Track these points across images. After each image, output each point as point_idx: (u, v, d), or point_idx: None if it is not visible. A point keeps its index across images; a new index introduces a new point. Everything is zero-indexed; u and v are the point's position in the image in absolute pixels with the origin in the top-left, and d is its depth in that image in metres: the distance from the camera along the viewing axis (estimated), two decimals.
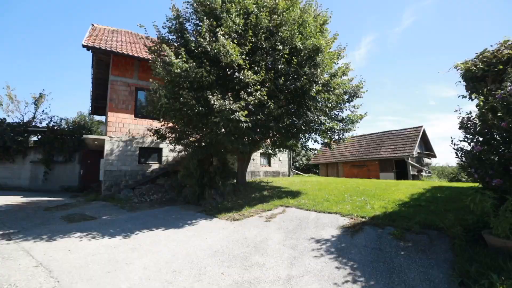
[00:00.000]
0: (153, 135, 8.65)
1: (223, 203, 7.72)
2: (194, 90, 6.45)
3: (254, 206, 7.34)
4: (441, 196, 6.93)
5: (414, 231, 4.52)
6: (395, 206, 6.08)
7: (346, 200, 7.11)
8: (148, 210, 8.33)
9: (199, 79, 6.29)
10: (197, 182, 8.57)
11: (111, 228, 6.16)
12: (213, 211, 7.42)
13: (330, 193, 8.24)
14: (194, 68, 6.12)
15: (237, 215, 6.71)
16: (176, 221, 6.73)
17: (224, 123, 6.18)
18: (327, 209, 6.26)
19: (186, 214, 7.54)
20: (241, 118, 6.02)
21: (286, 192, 8.66)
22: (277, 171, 17.81)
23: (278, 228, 5.55)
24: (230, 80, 6.52)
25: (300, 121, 7.56)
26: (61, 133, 15.61)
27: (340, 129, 8.62)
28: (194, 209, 8.20)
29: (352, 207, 6.28)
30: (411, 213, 5.41)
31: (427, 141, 21.30)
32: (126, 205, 9.50)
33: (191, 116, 6.58)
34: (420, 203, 6.25)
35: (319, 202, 7.03)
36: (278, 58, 6.84)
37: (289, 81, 7.00)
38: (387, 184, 10.26)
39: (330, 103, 8.00)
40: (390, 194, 7.58)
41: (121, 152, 12.57)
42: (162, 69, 6.44)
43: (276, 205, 7.17)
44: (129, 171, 12.63)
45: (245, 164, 9.25)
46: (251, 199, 7.97)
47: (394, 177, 18.86)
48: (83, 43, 11.44)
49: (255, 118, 6.52)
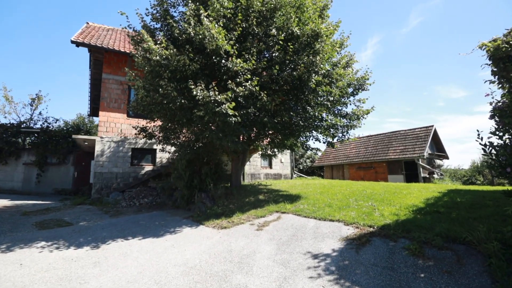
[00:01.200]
0: (140, 133, 7.97)
1: (212, 208, 6.95)
2: (176, 81, 5.74)
3: (247, 211, 6.54)
4: (462, 201, 5.97)
5: (436, 246, 3.64)
6: (408, 213, 5.18)
7: (351, 205, 6.24)
8: (133, 215, 7.62)
9: (181, 68, 5.58)
10: (186, 185, 7.83)
11: (83, 237, 5.45)
12: (201, 217, 6.66)
13: (333, 197, 7.36)
14: (175, 56, 5.42)
15: (226, 222, 5.91)
16: (158, 229, 5.99)
17: (210, 117, 5.44)
18: (328, 216, 5.41)
19: (171, 220, 6.79)
20: (228, 112, 5.27)
21: (284, 196, 7.82)
22: (278, 173, 16.96)
23: (270, 238, 4.73)
24: (217, 69, 5.79)
25: (298, 117, 6.75)
26: (55, 134, 15.19)
27: (344, 125, 7.76)
28: (182, 214, 7.45)
29: (357, 213, 5.41)
30: (428, 221, 4.51)
31: (439, 141, 20.12)
32: (111, 209, 8.83)
33: (174, 110, 5.86)
34: (438, 209, 5.33)
35: (319, 208, 6.18)
36: (272, 44, 6.09)
37: (285, 71, 6.22)
38: (396, 187, 9.29)
39: (333, 97, 7.18)
40: (401, 199, 6.66)
41: (112, 153, 11.98)
42: (141, 58, 5.77)
43: (271, 211, 6.35)
44: (120, 173, 12.01)
45: (239, 165, 8.47)
46: (244, 203, 7.17)
47: (403, 179, 17.75)
48: (72, 39, 10.97)
49: (246, 112, 5.75)
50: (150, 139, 8.01)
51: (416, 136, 18.72)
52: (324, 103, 6.99)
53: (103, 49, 11.38)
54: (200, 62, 5.68)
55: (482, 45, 4.57)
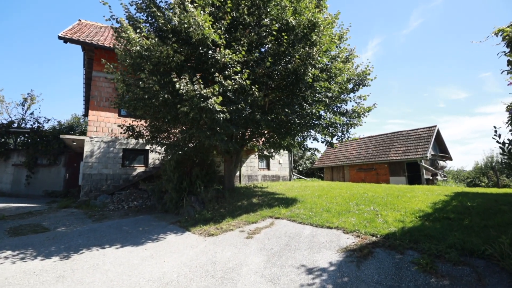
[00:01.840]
0: (125, 132, 7.48)
1: (202, 212, 6.43)
2: (160, 74, 5.26)
3: (238, 217, 6.02)
4: (473, 206, 5.45)
5: (450, 260, 3.11)
6: (415, 220, 4.66)
7: (351, 210, 5.71)
8: (117, 220, 7.12)
9: (165, 60, 5.10)
10: (174, 187, 7.33)
11: (55, 245, 4.95)
12: (189, 222, 6.14)
13: (332, 201, 6.84)
14: (157, 46, 4.94)
15: (214, 229, 5.40)
16: (140, 236, 5.48)
17: (196, 113, 4.94)
18: (326, 223, 4.89)
19: (156, 226, 6.28)
20: (215, 107, 4.78)
21: (280, 199, 7.30)
22: (276, 175, 16.43)
23: (260, 248, 4.21)
24: (205, 61, 5.31)
25: (294, 115, 6.25)
26: (46, 134, 14.73)
27: (344, 124, 7.25)
28: (170, 219, 6.94)
29: (358, 220, 4.88)
30: (439, 230, 3.99)
31: (442, 142, 19.57)
32: (97, 213, 8.33)
33: (158, 106, 5.37)
34: (447, 215, 4.80)
35: (317, 213, 5.66)
36: (265, 35, 5.60)
37: (279, 64, 5.73)
38: (399, 189, 8.76)
39: (331, 93, 6.68)
40: (406, 203, 6.14)
41: (102, 154, 11.49)
42: (121, 50, 5.29)
43: (264, 216, 5.83)
44: (111, 175, 11.52)
45: (232, 166, 7.96)
46: (236, 208, 6.65)
47: (405, 181, 17.19)
48: (60, 34, 10.53)
49: (235, 108, 5.26)
50: (137, 138, 7.52)
51: (419, 137, 18.18)
52: (322, 100, 6.48)
53: (92, 45, 10.94)
54: (186, 53, 5.20)
55: (498, 31, 4.05)
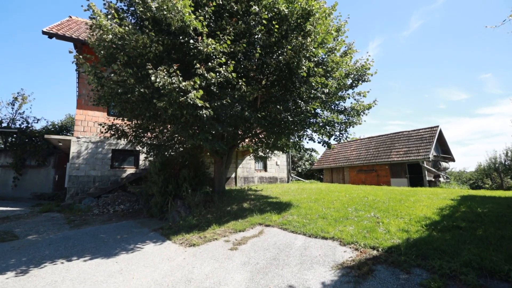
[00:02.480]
0: (107, 132, 6.97)
1: (187, 218, 5.90)
2: (136, 66, 4.75)
3: (225, 223, 5.49)
4: (485, 212, 4.91)
5: (467, 283, 2.57)
6: (421, 229, 4.12)
7: (350, 216, 5.18)
8: (97, 226, 6.59)
9: (141, 50, 4.59)
10: (159, 191, 6.80)
11: (17, 256, 4.42)
12: (172, 229, 5.62)
13: (329, 205, 6.30)
14: (132, 34, 4.43)
15: (197, 238, 4.87)
16: (115, 245, 4.95)
17: (175, 109, 4.43)
18: (320, 232, 4.35)
19: (137, 234, 5.75)
20: (196, 102, 4.26)
21: (273, 204, 6.77)
22: (274, 177, 15.90)
23: (243, 262, 3.68)
24: (186, 52, 4.80)
25: (287, 112, 5.73)
26: (35, 135, 14.24)
27: (342, 122, 6.72)
28: (153, 225, 6.41)
29: (357, 229, 4.35)
30: (449, 242, 3.46)
31: (444, 142, 19.02)
32: (78, 218, 7.81)
33: (135, 102, 4.86)
34: (457, 223, 4.27)
35: (311, 220, 5.12)
36: (254, 24, 5.09)
37: (270, 56, 5.22)
38: (402, 192, 8.23)
39: (328, 89, 6.16)
40: (409, 208, 5.60)
41: (90, 154, 10.98)
42: (94, 40, 4.79)
43: (253, 224, 5.29)
44: (99, 177, 11.00)
45: (223, 168, 7.44)
46: (225, 213, 6.12)
47: (407, 183, 16.64)
48: (44, 29, 10.08)
49: (221, 104, 4.74)
50: (120, 138, 7.01)
51: (421, 137, 17.64)
52: (319, 96, 5.96)
53: (78, 40, 10.45)
54: (165, 43, 4.69)
55: None
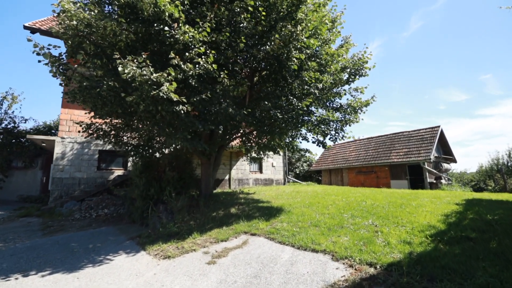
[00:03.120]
0: (85, 131, 6.47)
1: (167, 225, 5.39)
2: (107, 57, 4.25)
3: (208, 231, 4.98)
4: (496, 220, 4.40)
5: None
6: (425, 240, 3.61)
7: (345, 224, 4.67)
8: (72, 233, 6.07)
9: (111, 39, 4.10)
10: (141, 194, 6.30)
11: None
12: (150, 237, 5.10)
13: (323, 211, 5.79)
14: (99, 20, 3.94)
15: (173, 249, 4.36)
16: (84, 256, 4.43)
17: (148, 105, 3.93)
18: (311, 243, 3.84)
19: (112, 242, 5.24)
20: (171, 97, 3.77)
21: (263, 209, 6.26)
22: (269, 179, 15.38)
23: (220, 281, 3.16)
24: (162, 41, 4.30)
25: (278, 109, 5.23)
26: (22, 135, 13.73)
27: (337, 120, 6.22)
28: (132, 232, 5.90)
29: (352, 239, 3.84)
30: (459, 258, 2.95)
31: (446, 143, 18.54)
32: (56, 223, 7.29)
33: (106, 97, 4.36)
34: (466, 233, 3.76)
35: (303, 228, 4.61)
36: (238, 11, 4.60)
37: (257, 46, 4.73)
38: (402, 196, 7.71)
39: (323, 84, 5.67)
40: (411, 215, 5.09)
41: (75, 156, 10.48)
42: (58, 28, 4.30)
43: (238, 232, 4.78)
44: (84, 179, 10.48)
45: (211, 170, 6.93)
46: (209, 219, 5.60)
47: (407, 185, 16.13)
48: (26, 24, 9.61)
49: (200, 99, 4.24)
50: (98, 138, 6.52)
51: (421, 138, 17.14)
52: (312, 92, 5.47)
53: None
54: (138, 31, 4.20)
55: None
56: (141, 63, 3.67)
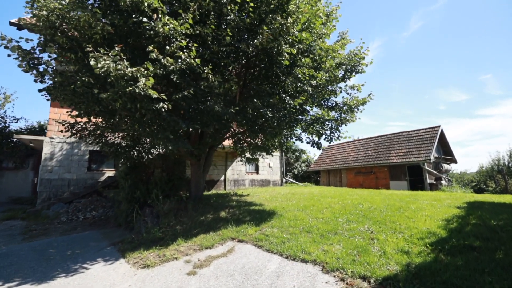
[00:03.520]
0: (67, 131, 6.17)
1: (152, 230, 5.09)
2: (83, 52, 3.95)
3: (193, 237, 4.68)
4: (500, 226, 4.10)
5: None
6: (425, 249, 3.31)
7: (339, 230, 4.37)
8: (53, 238, 5.78)
9: (86, 31, 3.80)
10: (126, 197, 6.00)
11: None
12: (133, 243, 4.81)
13: (317, 215, 5.50)
14: (72, 10, 3.64)
15: (154, 257, 4.06)
16: (59, 264, 4.14)
17: (124, 101, 3.63)
18: (301, 252, 3.54)
19: (93, 248, 4.94)
20: (149, 93, 3.47)
21: (255, 212, 5.96)
22: (266, 180, 15.09)
23: None
24: (141, 34, 4.00)
25: (268, 108, 4.94)
26: (13, 135, 13.43)
27: (333, 119, 5.92)
28: (116, 237, 5.60)
29: (346, 248, 3.54)
30: (462, 271, 2.65)
31: (446, 143, 18.24)
32: (40, 227, 7.00)
33: (82, 94, 4.06)
34: (469, 241, 3.46)
35: (293, 235, 4.31)
36: (224, 2, 4.30)
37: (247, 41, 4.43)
38: (401, 198, 7.42)
39: (317, 81, 5.38)
40: (410, 219, 4.79)
41: (65, 156, 10.18)
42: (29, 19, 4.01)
43: (225, 238, 4.48)
44: (74, 180, 10.19)
45: (201, 171, 6.63)
46: (197, 224, 5.31)
47: (407, 186, 15.83)
48: (11, 20, 9.32)
49: (183, 96, 3.95)
50: (82, 139, 6.22)
51: (421, 138, 16.84)
52: (305, 89, 5.17)
53: None
54: (116, 23, 3.90)
55: None
56: (115, 56, 3.37)
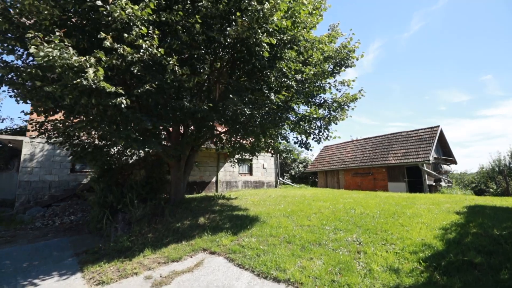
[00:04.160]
0: (34, 130, 5.73)
1: (120, 238, 4.64)
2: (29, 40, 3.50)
3: (163, 247, 4.22)
4: (504, 236, 3.63)
5: None
6: (417, 267, 2.85)
7: (324, 240, 3.91)
8: (17, 247, 5.33)
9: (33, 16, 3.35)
10: (98, 201, 5.55)
11: None
12: (96, 254, 4.36)
13: (303, 221, 5.03)
14: None
15: (114, 270, 3.60)
16: (6, 280, 3.68)
17: (75, 96, 3.18)
18: (274, 269, 3.07)
19: (54, 259, 4.49)
20: (102, 86, 3.02)
21: (237, 218, 5.49)
22: (260, 181, 14.61)
23: None
24: (96, 20, 3.55)
25: (246, 105, 4.48)
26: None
27: (321, 118, 5.46)
28: (85, 245, 5.15)
29: (327, 265, 3.07)
30: None
31: (445, 144, 17.78)
32: (10, 233, 6.55)
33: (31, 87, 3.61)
34: (469, 256, 3.00)
35: (272, 245, 3.85)
36: None
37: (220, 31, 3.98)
38: (397, 202, 6.95)
39: (304, 76, 4.93)
40: (403, 228, 4.33)
41: (46, 157, 9.74)
42: None
43: (196, 249, 4.02)
44: (56, 182, 9.74)
45: (181, 173, 6.17)
46: (171, 232, 4.85)
47: (405, 188, 15.35)
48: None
49: (147, 90, 3.50)
50: (49, 139, 5.78)
51: (420, 138, 16.38)
52: (290, 84, 4.71)
53: None
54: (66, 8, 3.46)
55: None
56: (59, 43, 2.92)
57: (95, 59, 3.04)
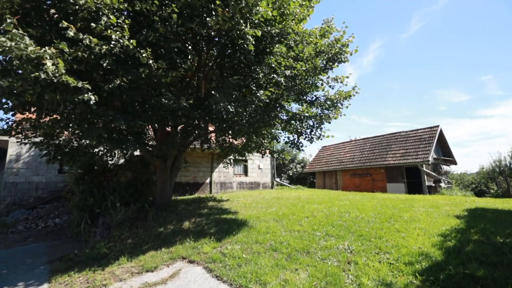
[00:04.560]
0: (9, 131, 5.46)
1: (97, 244, 4.34)
2: None
3: (140, 255, 3.93)
4: (509, 244, 3.34)
5: None
6: (413, 282, 2.55)
7: (313, 248, 3.61)
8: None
9: None
10: (77, 205, 5.26)
11: None
12: (71, 262, 4.07)
13: (293, 226, 4.74)
14: None
15: (81, 282, 3.30)
16: None
17: (37, 92, 2.89)
18: (254, 281, 2.78)
19: (25, 266, 4.19)
20: (64, 80, 2.72)
21: (224, 222, 5.20)
22: (255, 182, 14.31)
23: None
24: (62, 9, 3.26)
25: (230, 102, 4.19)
26: None
27: (313, 116, 5.16)
28: (62, 251, 4.84)
29: (312, 277, 2.78)
30: None
31: (445, 144, 17.48)
32: None
33: None
34: (470, 268, 2.70)
35: (256, 254, 3.55)
36: None
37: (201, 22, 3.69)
38: (394, 205, 6.66)
39: (293, 71, 4.64)
40: (400, 234, 4.04)
41: (33, 157, 9.45)
42: None
43: (175, 257, 3.72)
44: (43, 183, 9.45)
45: (167, 174, 5.88)
46: (152, 237, 4.55)
47: (404, 189, 15.05)
48: None
49: (118, 86, 3.20)
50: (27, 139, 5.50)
51: (419, 138, 16.09)
52: (278, 80, 4.42)
53: None
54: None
55: None
56: (12, 31, 2.62)
57: (56, 50, 2.74)
